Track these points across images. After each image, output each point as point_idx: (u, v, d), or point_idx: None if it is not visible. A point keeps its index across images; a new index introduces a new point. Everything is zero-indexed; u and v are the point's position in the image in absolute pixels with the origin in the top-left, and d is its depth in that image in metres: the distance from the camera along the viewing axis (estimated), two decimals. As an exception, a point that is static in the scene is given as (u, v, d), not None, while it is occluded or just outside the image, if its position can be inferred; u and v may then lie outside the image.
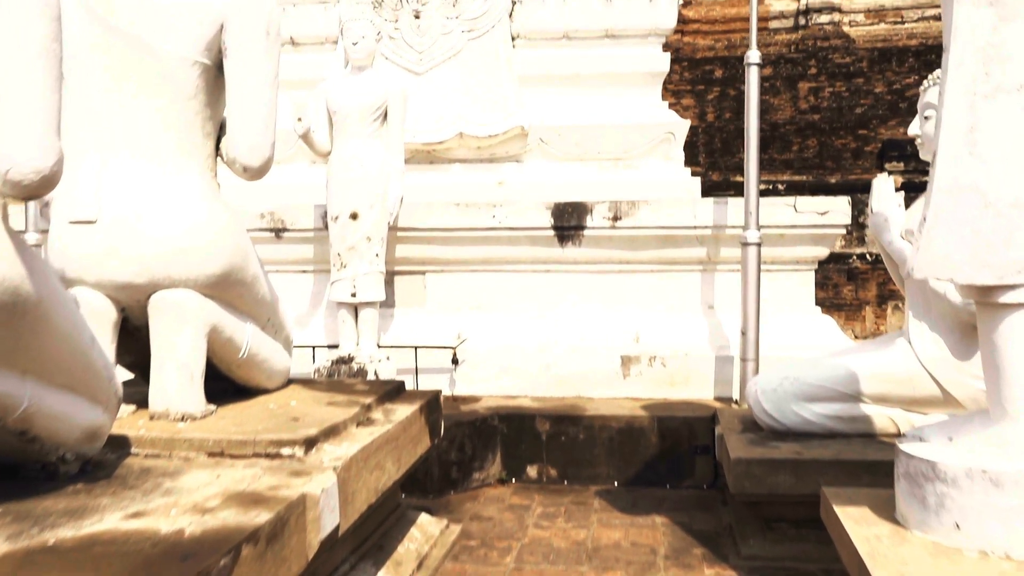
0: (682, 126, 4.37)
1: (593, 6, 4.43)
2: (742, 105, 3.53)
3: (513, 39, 4.51)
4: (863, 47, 10.24)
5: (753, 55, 3.61)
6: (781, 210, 3.87)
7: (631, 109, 4.43)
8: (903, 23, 10.45)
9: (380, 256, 3.71)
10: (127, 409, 2.10)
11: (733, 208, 3.88)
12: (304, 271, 4.20)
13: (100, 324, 2.06)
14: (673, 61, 7.93)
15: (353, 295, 3.69)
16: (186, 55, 2.07)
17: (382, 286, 3.74)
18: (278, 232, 4.07)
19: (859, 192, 9.79)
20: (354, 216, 3.66)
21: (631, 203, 3.92)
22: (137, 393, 2.17)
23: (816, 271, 4.05)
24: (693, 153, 9.20)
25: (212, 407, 2.08)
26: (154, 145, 2.08)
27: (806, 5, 10.39)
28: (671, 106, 8.30)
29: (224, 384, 2.26)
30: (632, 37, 4.46)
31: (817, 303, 4.57)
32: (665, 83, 7.30)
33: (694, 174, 4.70)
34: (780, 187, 9.00)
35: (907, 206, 2.93)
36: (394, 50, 4.48)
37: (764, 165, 9.51)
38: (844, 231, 3.86)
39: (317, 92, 3.82)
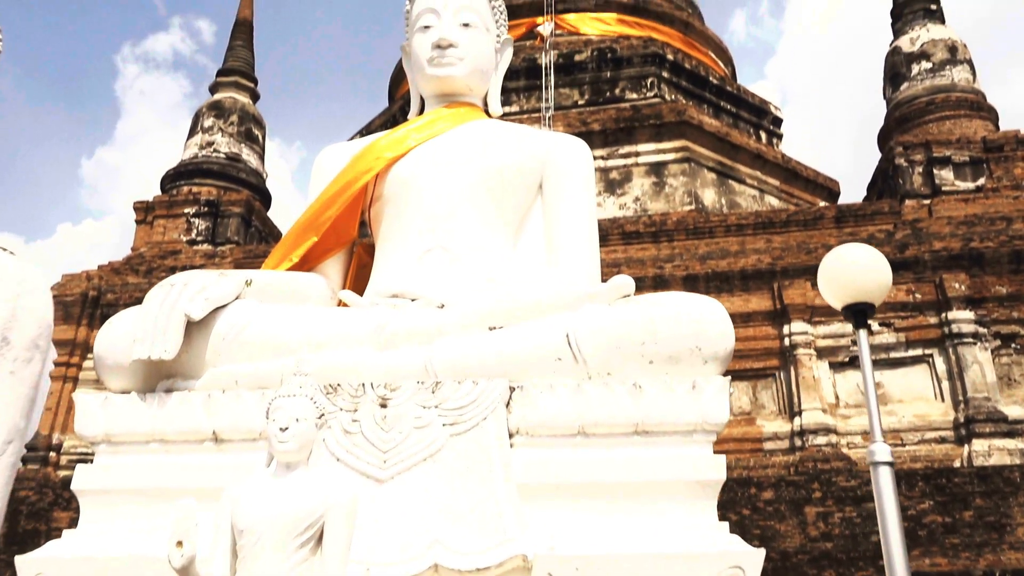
0: (754, 557, 2.92)
1: (617, 394, 3.19)
2: (745, 529, 2.41)
3: (511, 435, 3.19)
4: (866, 469, 9.09)
5: (880, 449, 2.32)
6: None
7: (676, 532, 2.99)
8: (903, 445, 9.40)
9: None
10: None
11: None
12: None
13: None
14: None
15: None
16: None
17: None
18: None
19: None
20: None
21: None
22: None
23: None
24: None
25: None
26: None
27: (800, 427, 9.42)
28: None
29: None
30: (671, 434, 3.16)
31: None
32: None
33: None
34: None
35: None
36: (349, 448, 3.13)
37: (779, 601, 7.89)
38: None
39: (221, 501, 2.42)
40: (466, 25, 4.33)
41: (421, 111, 4.56)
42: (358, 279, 4.20)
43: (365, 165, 4.15)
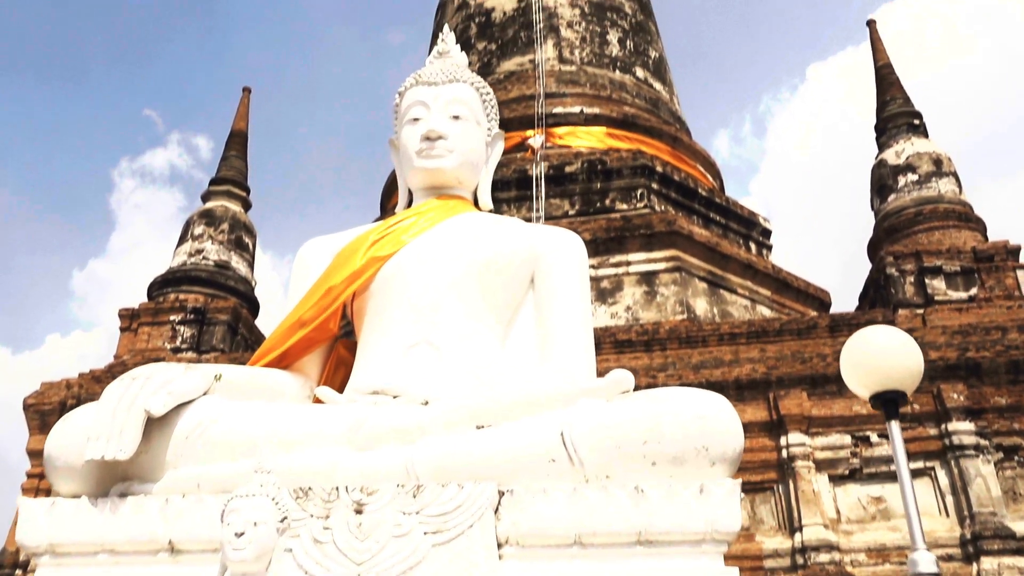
0: None
1: (617, 499, 2.86)
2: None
3: (500, 545, 2.83)
4: (872, 589, 8.60)
5: (923, 559, 2.00)
6: None
7: (687, 658, 2.64)
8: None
9: None
10: None
11: None
12: None
13: None
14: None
15: None
16: None
17: None
18: None
19: None
20: None
21: None
22: None
23: None
24: None
25: None
26: None
27: (802, 543, 8.94)
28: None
29: None
30: (678, 544, 2.81)
31: None
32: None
33: None
34: None
35: None
36: (319, 560, 2.76)
37: None
38: None
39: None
40: (456, 117, 4.18)
41: (409, 205, 4.37)
42: (338, 377, 3.90)
43: (355, 267, 3.88)
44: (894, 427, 2.41)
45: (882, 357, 2.31)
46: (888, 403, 2.39)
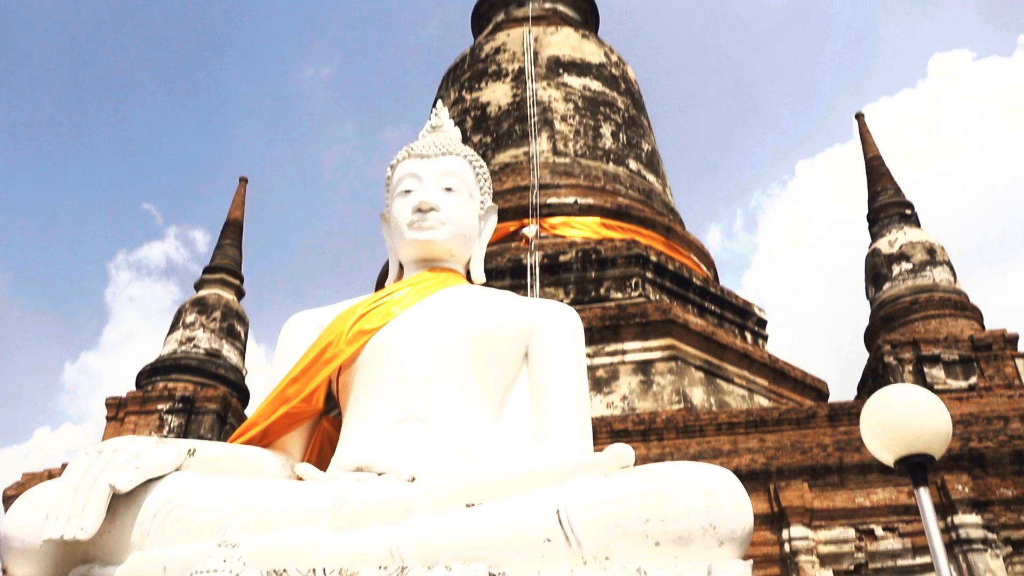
0: None
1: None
2: None
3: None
4: None
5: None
6: None
7: None
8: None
9: None
10: None
11: None
12: None
13: None
14: None
15: None
16: None
17: None
18: None
19: None
20: None
21: None
22: None
23: None
24: None
25: None
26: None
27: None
28: None
29: None
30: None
31: None
32: None
33: None
34: None
35: None
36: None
37: None
38: None
39: None
40: (449, 190, 4.08)
41: (400, 279, 4.22)
42: (324, 455, 3.67)
43: (342, 340, 3.70)
44: (923, 495, 2.19)
45: (908, 417, 2.12)
46: (915, 468, 2.18)
